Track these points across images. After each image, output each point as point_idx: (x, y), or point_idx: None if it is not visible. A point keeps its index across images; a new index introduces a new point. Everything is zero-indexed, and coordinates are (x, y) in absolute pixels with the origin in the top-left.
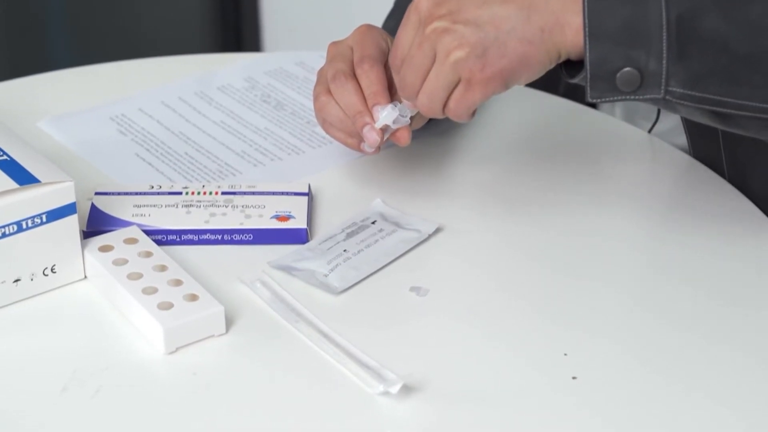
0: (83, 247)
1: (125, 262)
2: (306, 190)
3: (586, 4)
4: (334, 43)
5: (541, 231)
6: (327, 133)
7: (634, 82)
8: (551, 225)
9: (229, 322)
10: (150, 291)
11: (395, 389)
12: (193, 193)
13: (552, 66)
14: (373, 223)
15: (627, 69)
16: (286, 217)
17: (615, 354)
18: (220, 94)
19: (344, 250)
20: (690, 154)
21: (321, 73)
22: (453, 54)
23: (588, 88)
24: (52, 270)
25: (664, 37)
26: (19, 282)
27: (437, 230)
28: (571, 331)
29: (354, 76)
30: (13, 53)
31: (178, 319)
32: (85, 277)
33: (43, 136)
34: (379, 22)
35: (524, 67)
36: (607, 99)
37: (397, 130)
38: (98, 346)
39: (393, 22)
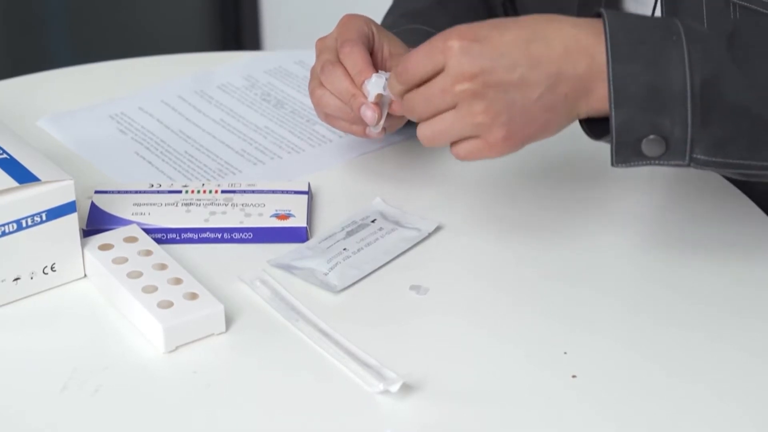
0: (83, 245)
1: (125, 260)
2: (306, 189)
3: (610, 69)
4: (320, 39)
5: (541, 230)
6: (331, 125)
7: (659, 148)
8: (551, 224)
9: (228, 321)
10: (150, 290)
11: (395, 388)
12: (192, 191)
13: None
14: (372, 221)
15: (652, 136)
16: (286, 216)
17: (615, 352)
18: (220, 92)
19: (344, 249)
20: None
21: (313, 70)
22: (478, 117)
23: (613, 154)
24: (51, 269)
25: (689, 104)
26: (18, 280)
27: (437, 229)
28: (571, 329)
29: (341, 62)
30: (14, 52)
31: (178, 317)
32: (85, 275)
33: (43, 134)
34: (378, 21)
35: (544, 133)
36: (632, 164)
37: (392, 102)
38: (98, 345)
39: (391, 18)
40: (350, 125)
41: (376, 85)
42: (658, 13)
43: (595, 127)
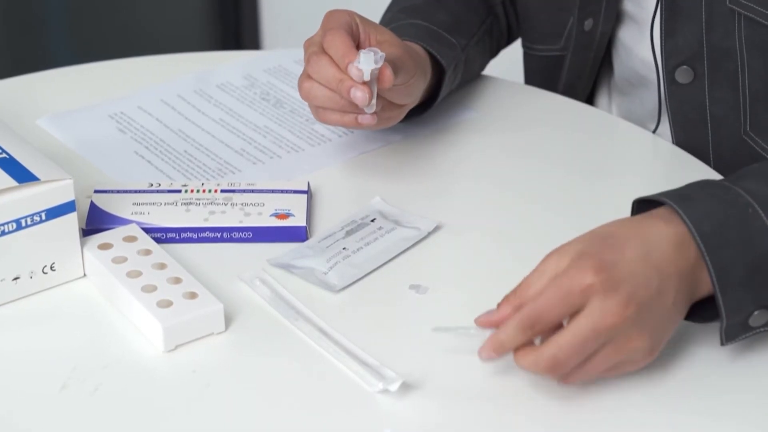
0: (82, 245)
1: (124, 260)
2: (305, 188)
3: (708, 261)
4: (306, 40)
5: (540, 229)
6: (324, 121)
7: (764, 318)
8: (551, 223)
9: (228, 320)
10: (149, 289)
11: (394, 387)
12: (192, 191)
13: None
14: (372, 221)
15: (757, 312)
16: (286, 215)
17: None
18: (220, 91)
19: (343, 248)
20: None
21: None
22: (635, 343)
23: (723, 336)
24: (51, 268)
25: None
26: (18, 280)
27: (436, 228)
28: None
29: (325, 52)
30: (13, 51)
31: (178, 316)
32: (85, 275)
33: (42, 134)
34: (377, 21)
35: (674, 328)
36: (739, 339)
37: (380, 74)
38: (97, 344)
39: (390, 14)
40: (341, 116)
41: (366, 61)
42: (658, 16)
43: (698, 311)
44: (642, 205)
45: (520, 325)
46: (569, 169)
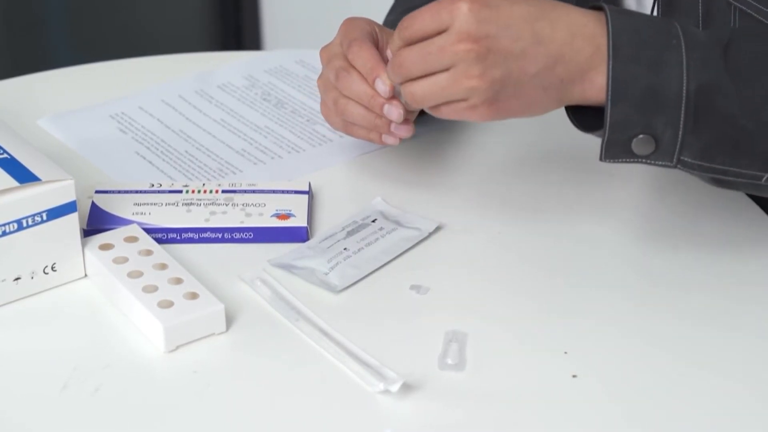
0: (83, 245)
1: (125, 260)
2: (306, 189)
3: (611, 68)
4: (324, 48)
5: (540, 229)
6: (348, 133)
7: (648, 148)
8: (551, 223)
9: (229, 321)
10: (150, 289)
11: (395, 387)
12: (193, 191)
13: (555, 109)
14: (373, 221)
15: (643, 136)
16: (287, 216)
17: (615, 352)
18: (221, 92)
19: (344, 249)
20: None
21: (323, 81)
22: (473, 81)
23: (603, 150)
24: (52, 268)
25: (683, 108)
26: (19, 280)
27: (437, 228)
28: (571, 329)
29: (353, 66)
30: (14, 51)
31: (179, 317)
32: (86, 275)
33: (43, 134)
34: (379, 21)
35: (529, 110)
36: (619, 161)
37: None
38: (98, 345)
39: (393, 16)
40: (368, 132)
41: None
42: (656, 11)
43: (582, 118)
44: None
45: (397, 31)
46: (569, 169)
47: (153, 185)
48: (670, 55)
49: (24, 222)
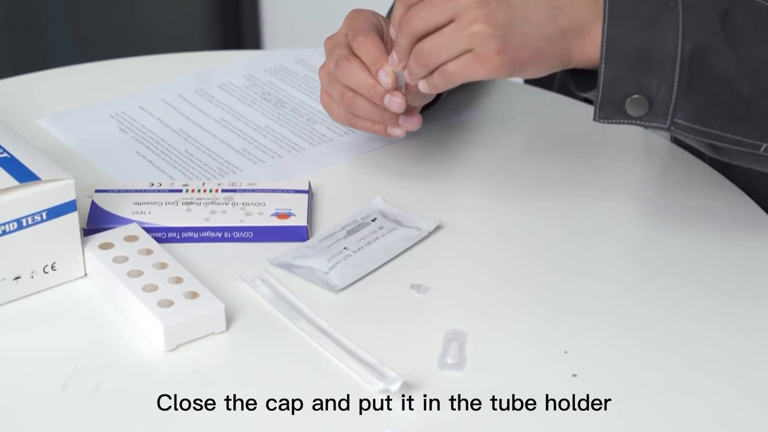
0: (83, 244)
1: (125, 259)
2: (306, 188)
3: (605, 26)
4: (328, 38)
5: (540, 228)
6: (351, 125)
7: (642, 108)
8: (551, 222)
9: (229, 320)
10: (150, 288)
11: (395, 387)
12: (193, 190)
13: (559, 69)
14: (373, 220)
15: (637, 96)
16: (287, 215)
17: (615, 351)
18: (221, 91)
19: (344, 248)
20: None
21: (325, 71)
22: (476, 25)
23: (597, 109)
24: (52, 267)
25: (677, 69)
26: (19, 279)
27: (437, 228)
28: (572, 328)
29: (355, 55)
30: (14, 51)
31: (179, 316)
32: (86, 274)
33: (43, 133)
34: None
35: (536, 64)
36: (613, 121)
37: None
38: (98, 344)
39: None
40: (372, 125)
41: (399, 73)
42: None
43: (581, 82)
44: None
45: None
46: (568, 167)
47: (153, 184)
48: (667, 16)
49: (24, 221)
